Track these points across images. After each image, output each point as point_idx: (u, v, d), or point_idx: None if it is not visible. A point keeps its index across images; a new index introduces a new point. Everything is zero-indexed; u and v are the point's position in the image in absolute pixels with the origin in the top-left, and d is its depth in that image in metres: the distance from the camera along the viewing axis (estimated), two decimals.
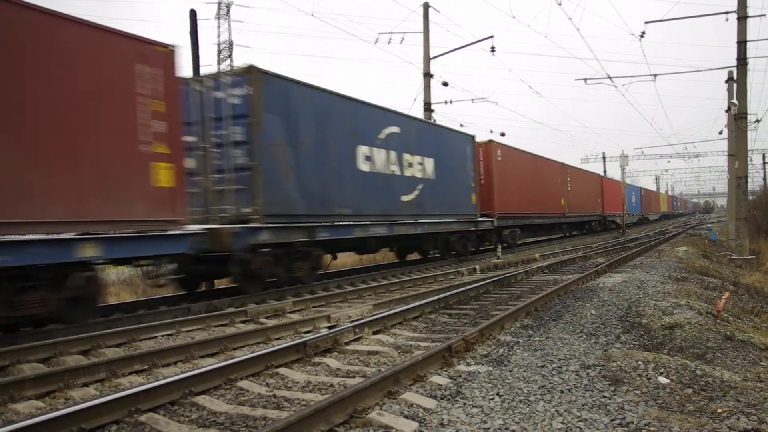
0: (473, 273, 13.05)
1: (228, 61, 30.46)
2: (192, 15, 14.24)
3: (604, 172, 54.43)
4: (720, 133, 44.35)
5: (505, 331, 6.14)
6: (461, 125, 20.65)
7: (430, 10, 20.67)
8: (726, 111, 23.93)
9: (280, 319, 7.65)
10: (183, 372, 4.50)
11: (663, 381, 4.27)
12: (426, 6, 20.62)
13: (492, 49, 20.08)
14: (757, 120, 26.38)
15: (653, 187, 76.74)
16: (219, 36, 33.52)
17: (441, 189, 15.16)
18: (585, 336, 5.92)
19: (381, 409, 3.65)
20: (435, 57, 20.84)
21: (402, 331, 6.42)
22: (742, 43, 17.41)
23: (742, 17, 17.35)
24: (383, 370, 4.42)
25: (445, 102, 24.29)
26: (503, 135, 24.06)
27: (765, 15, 18.54)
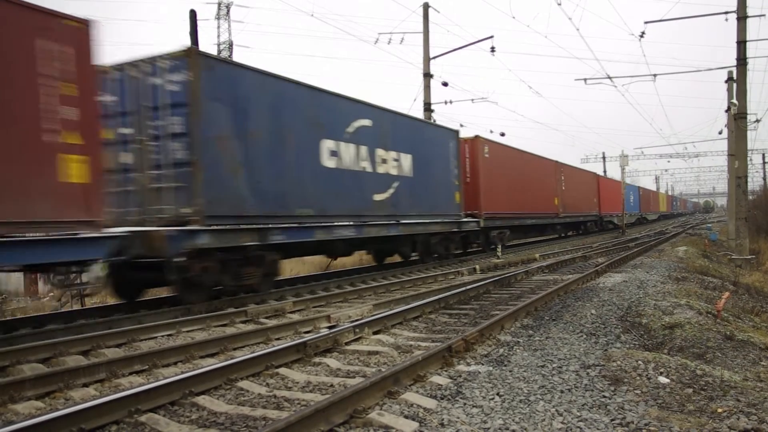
0: (473, 273, 13.05)
1: None
2: (192, 15, 14.25)
3: (604, 171, 54.46)
4: (720, 133, 44.30)
5: (505, 331, 6.14)
6: (461, 125, 20.72)
7: (430, 10, 20.68)
8: (726, 111, 23.95)
9: (280, 319, 7.65)
10: (183, 372, 4.51)
11: (663, 381, 4.27)
12: (426, 6, 20.63)
13: (492, 49, 20.09)
14: (757, 120, 26.41)
15: (653, 187, 76.79)
16: (219, 36, 33.60)
17: (420, 187, 14.24)
18: (585, 336, 5.92)
19: (381, 409, 3.66)
20: (435, 57, 20.85)
21: (402, 331, 6.42)
22: (741, 43, 17.42)
23: (741, 17, 17.36)
24: (383, 370, 4.42)
25: (445, 102, 24.31)
26: (503, 135, 24.08)
27: (765, 15, 18.57)
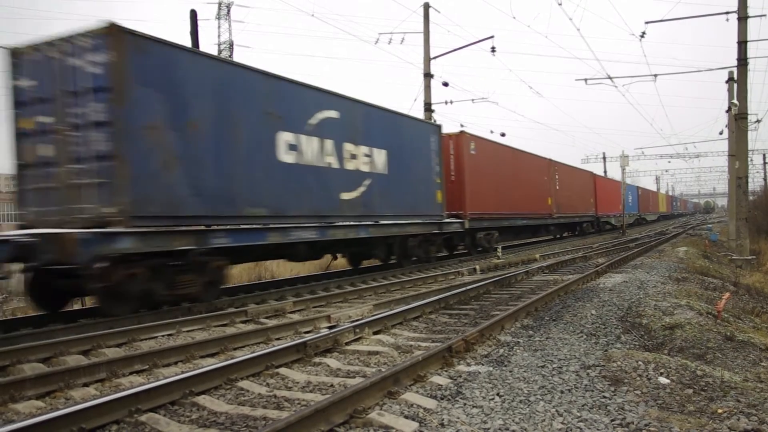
0: (473, 273, 13.05)
1: None
2: (192, 15, 14.23)
3: (604, 172, 54.45)
4: (720, 134, 44.39)
5: (506, 332, 6.14)
6: (461, 125, 20.68)
7: (430, 10, 20.68)
8: (726, 111, 23.92)
9: (280, 319, 7.66)
10: (183, 372, 4.51)
11: (663, 381, 4.27)
12: (426, 6, 20.62)
13: (492, 50, 20.07)
14: (758, 120, 26.43)
15: (654, 188, 76.75)
16: (219, 36, 33.66)
17: (396, 185, 13.18)
18: (585, 336, 5.92)
19: (381, 410, 3.66)
20: (435, 57, 20.84)
21: (402, 332, 6.42)
22: (742, 44, 17.41)
23: (742, 17, 17.35)
24: (383, 370, 4.42)
25: (446, 102, 24.40)
26: (503, 135, 24.10)
27: (765, 15, 18.53)
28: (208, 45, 49.72)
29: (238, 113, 9.09)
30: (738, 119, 18.11)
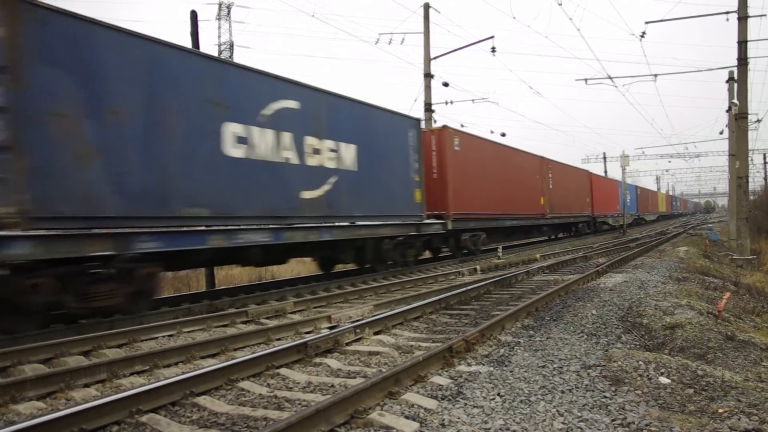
0: (474, 273, 13.05)
1: None
2: (193, 16, 14.24)
3: (605, 172, 54.49)
4: (721, 133, 44.38)
5: (506, 332, 6.14)
6: (462, 125, 20.64)
7: (430, 10, 20.70)
8: (727, 111, 23.93)
9: (280, 320, 7.66)
10: (184, 373, 4.51)
11: (664, 381, 4.27)
12: (426, 6, 20.64)
13: (493, 50, 20.10)
14: (758, 120, 26.47)
15: (654, 187, 76.70)
16: (220, 37, 33.67)
17: (367, 184, 12.16)
18: (586, 336, 5.92)
19: (382, 410, 3.66)
20: (435, 57, 20.86)
21: (403, 332, 6.43)
22: (742, 43, 17.42)
23: (742, 17, 17.36)
24: (384, 370, 4.42)
25: (446, 102, 24.44)
26: (504, 135, 24.17)
27: (765, 15, 18.55)
28: (208, 45, 49.86)
29: (173, 101, 8.08)
30: (738, 119, 18.12)
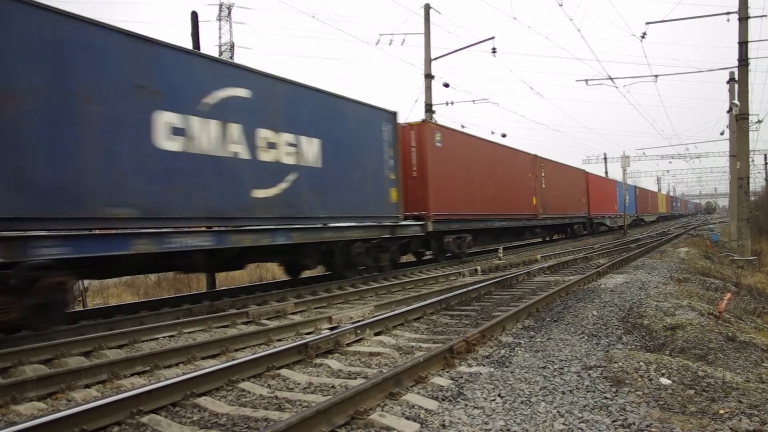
0: (474, 274, 13.05)
1: None
2: (194, 17, 14.26)
3: (605, 172, 54.46)
4: (721, 134, 44.33)
5: (507, 332, 6.14)
6: (462, 126, 20.61)
7: (431, 11, 20.70)
8: (727, 112, 23.92)
9: (281, 321, 7.66)
10: (185, 373, 4.51)
11: (665, 382, 4.27)
12: (427, 7, 20.65)
13: (493, 51, 20.09)
14: (759, 121, 26.50)
15: (655, 188, 76.60)
16: (220, 38, 33.72)
17: (333, 182, 11.14)
18: (586, 337, 5.91)
19: (382, 411, 3.66)
20: (436, 58, 20.85)
21: (403, 333, 6.43)
22: (743, 44, 17.42)
23: (743, 18, 17.36)
24: (385, 371, 4.42)
25: (447, 103, 24.42)
26: (504, 136, 24.14)
27: (766, 15, 18.54)
28: (209, 46, 49.85)
29: (88, 84, 7.04)
30: (739, 120, 18.12)
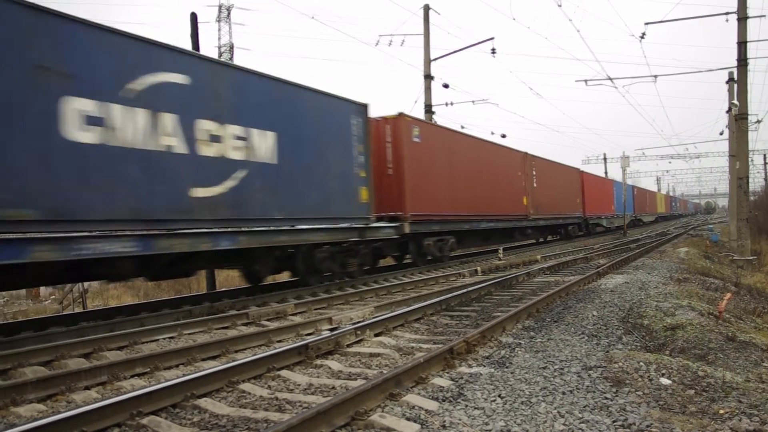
0: (474, 275, 13.05)
1: None
2: (193, 19, 14.26)
3: (605, 173, 54.50)
4: (721, 134, 44.37)
5: (507, 333, 6.14)
6: (462, 126, 20.62)
7: (430, 12, 20.72)
8: (727, 112, 23.94)
9: (281, 322, 7.66)
10: (185, 375, 4.52)
11: (665, 382, 4.27)
12: (426, 8, 20.67)
13: (493, 51, 20.13)
14: (758, 120, 26.52)
15: (655, 188, 76.56)
16: (220, 39, 33.71)
17: (291, 180, 10.01)
18: (587, 337, 5.91)
19: (383, 411, 3.66)
20: (435, 59, 20.88)
21: (404, 333, 6.42)
22: (742, 44, 17.44)
23: (742, 18, 17.39)
24: (385, 372, 4.42)
25: (446, 104, 24.41)
26: (504, 136, 24.16)
27: (765, 16, 18.59)
28: (208, 47, 49.84)
29: None
30: (738, 120, 18.14)
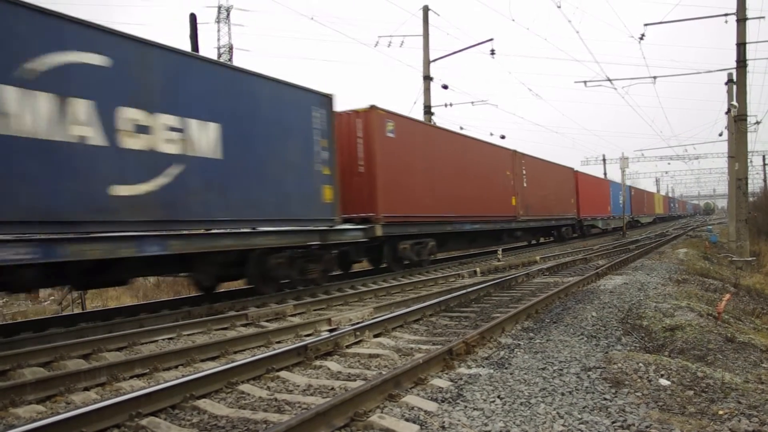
0: (474, 276, 13.05)
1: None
2: (192, 20, 14.27)
3: (604, 174, 54.52)
4: (720, 135, 44.45)
5: (506, 334, 6.14)
6: (461, 128, 20.59)
7: (429, 13, 20.73)
8: (726, 113, 23.98)
9: (281, 323, 7.65)
10: (184, 376, 4.51)
11: (664, 383, 4.27)
12: (425, 9, 20.68)
13: (492, 52, 20.13)
14: (757, 122, 26.54)
15: (654, 189, 76.59)
16: (219, 40, 33.72)
17: (239, 177, 8.91)
18: (586, 338, 5.92)
19: (382, 412, 3.66)
20: (435, 60, 20.89)
21: (403, 334, 6.42)
22: (741, 45, 17.47)
23: (741, 19, 17.41)
24: (384, 373, 4.42)
25: (446, 105, 24.35)
26: (503, 137, 24.13)
27: (764, 17, 18.62)
28: (208, 48, 49.79)
29: None
30: (737, 121, 18.16)
